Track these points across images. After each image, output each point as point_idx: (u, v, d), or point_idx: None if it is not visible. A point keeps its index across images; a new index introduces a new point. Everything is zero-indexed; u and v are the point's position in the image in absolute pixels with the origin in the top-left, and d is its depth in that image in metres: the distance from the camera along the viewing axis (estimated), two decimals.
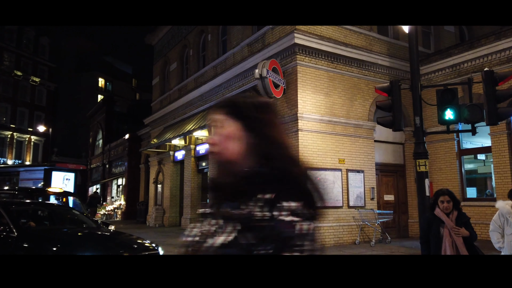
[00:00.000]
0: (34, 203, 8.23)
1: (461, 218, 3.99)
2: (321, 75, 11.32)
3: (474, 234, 3.98)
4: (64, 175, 21.05)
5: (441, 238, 3.92)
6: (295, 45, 10.89)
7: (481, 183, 12.79)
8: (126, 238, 6.44)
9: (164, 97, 20.12)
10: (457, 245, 3.83)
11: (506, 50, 10.83)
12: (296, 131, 10.67)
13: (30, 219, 6.73)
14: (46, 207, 7.86)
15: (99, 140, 33.64)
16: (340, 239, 10.91)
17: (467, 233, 3.88)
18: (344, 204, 11.15)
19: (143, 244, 5.97)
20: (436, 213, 4.04)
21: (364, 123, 11.90)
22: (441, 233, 3.94)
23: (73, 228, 6.98)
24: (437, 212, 4.04)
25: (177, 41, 18.95)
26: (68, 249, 5.33)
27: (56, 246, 5.36)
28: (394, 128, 7.54)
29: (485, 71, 6.88)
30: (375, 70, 12.40)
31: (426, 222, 4.18)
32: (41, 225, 6.89)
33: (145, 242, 6.08)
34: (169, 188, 18.74)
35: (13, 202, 7.25)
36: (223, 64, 14.77)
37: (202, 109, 15.84)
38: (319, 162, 10.85)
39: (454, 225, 3.90)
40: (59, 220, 7.41)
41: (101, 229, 7.01)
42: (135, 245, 5.98)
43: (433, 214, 4.09)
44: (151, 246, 5.90)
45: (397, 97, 7.50)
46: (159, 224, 18.80)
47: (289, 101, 11.09)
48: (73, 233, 6.45)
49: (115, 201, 28.07)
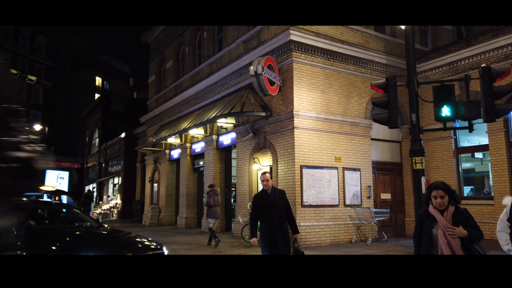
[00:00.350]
0: (33, 201, 8.10)
1: (458, 215, 3.38)
2: (317, 73, 11.20)
3: (478, 233, 3.32)
4: (58, 173, 20.88)
5: (433, 239, 3.37)
6: (291, 42, 10.77)
7: (478, 181, 12.71)
8: (129, 237, 6.33)
9: (160, 95, 19.98)
10: (452, 247, 3.26)
11: (503, 48, 10.73)
12: (291, 129, 10.55)
13: (30, 218, 6.61)
14: (46, 205, 7.73)
15: (95, 139, 33.46)
16: (337, 238, 10.80)
17: (465, 233, 3.26)
18: (341, 202, 11.04)
19: (147, 243, 5.86)
20: (430, 210, 3.48)
21: (360, 121, 11.79)
22: (433, 233, 3.39)
23: (74, 227, 6.88)
24: (430, 209, 3.48)
25: (173, 38, 18.80)
26: (69, 248, 5.21)
27: (56, 246, 5.23)
28: (390, 125, 7.43)
29: (483, 67, 6.77)
30: (371, 67, 12.29)
31: (419, 220, 3.64)
32: (41, 224, 6.76)
33: (149, 241, 5.97)
34: (165, 187, 18.61)
35: None
36: (218, 61, 14.64)
37: (198, 107, 15.71)
38: (315, 160, 10.74)
39: (449, 224, 3.32)
40: (59, 218, 7.31)
41: (103, 227, 6.88)
42: (139, 244, 5.87)
43: (426, 211, 3.54)
44: (155, 245, 5.79)
45: (393, 93, 7.40)
46: (155, 223, 18.67)
47: (284, 98, 10.97)
48: (74, 232, 6.35)
49: (111, 200, 27.92)
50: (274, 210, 5.10)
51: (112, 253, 5.18)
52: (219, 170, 14.66)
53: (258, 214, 5.24)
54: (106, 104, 31.67)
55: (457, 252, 3.25)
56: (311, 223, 10.43)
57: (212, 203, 11.06)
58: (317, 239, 10.47)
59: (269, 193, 5.21)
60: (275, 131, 11.20)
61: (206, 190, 12.76)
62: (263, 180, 5.20)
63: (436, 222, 3.39)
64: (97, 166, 31.68)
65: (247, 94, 11.97)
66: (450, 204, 3.41)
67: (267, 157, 11.68)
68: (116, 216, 25.27)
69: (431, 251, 3.37)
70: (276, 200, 5.16)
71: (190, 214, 16.44)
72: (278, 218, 5.09)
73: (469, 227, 3.32)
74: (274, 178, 11.16)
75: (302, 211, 10.31)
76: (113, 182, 28.95)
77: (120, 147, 26.10)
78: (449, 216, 3.37)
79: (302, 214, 10.30)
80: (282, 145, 10.92)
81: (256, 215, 5.28)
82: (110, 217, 25.71)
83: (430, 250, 3.38)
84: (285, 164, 10.74)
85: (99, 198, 30.23)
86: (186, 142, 16.75)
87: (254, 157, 12.06)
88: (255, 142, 12.09)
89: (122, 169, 25.62)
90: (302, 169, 10.43)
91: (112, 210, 26.10)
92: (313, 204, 10.52)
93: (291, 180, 10.46)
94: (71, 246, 5.36)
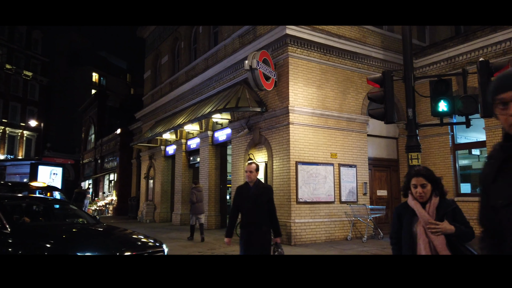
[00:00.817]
0: (28, 197, 7.92)
1: (443, 207, 2.74)
2: (313, 67, 11.05)
3: (467, 230, 2.69)
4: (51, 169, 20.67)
5: (413, 238, 2.75)
6: (287, 36, 10.61)
7: (475, 178, 12.59)
8: (127, 235, 6.16)
9: (155, 91, 19.79)
10: (435, 246, 2.64)
11: (502, 43, 10.61)
12: (287, 125, 10.41)
13: (24, 215, 6.44)
14: (42, 201, 7.53)
15: (91, 135, 33.24)
16: (332, 235, 10.68)
17: (451, 228, 2.61)
18: (336, 199, 10.92)
19: (145, 241, 5.69)
20: (409, 202, 2.83)
21: (357, 117, 11.65)
22: (414, 230, 2.75)
23: (70, 224, 6.71)
24: (409, 200, 2.84)
25: (169, 33, 18.60)
26: (64, 246, 5.04)
27: (51, 243, 5.06)
28: (386, 121, 7.29)
29: (480, 61, 6.64)
30: (368, 62, 12.14)
31: (396, 215, 2.94)
32: (36, 221, 6.57)
33: (146, 238, 5.80)
34: (160, 183, 18.46)
35: (5, 197, 6.90)
36: (214, 56, 14.47)
37: (193, 103, 15.54)
38: (311, 157, 10.61)
39: (431, 219, 2.68)
40: (55, 215, 7.13)
41: (100, 224, 6.72)
42: (139, 242, 5.69)
43: (405, 203, 2.89)
44: (153, 242, 5.61)
45: (389, 88, 7.26)
46: (150, 220, 18.54)
47: (280, 93, 10.82)
48: (70, 229, 6.15)
49: (106, 197, 27.75)
50: (253, 207, 4.55)
51: (110, 251, 5.02)
52: (214, 166, 14.52)
53: (238, 210, 4.72)
54: (102, 100, 31.43)
55: (441, 253, 2.62)
56: (306, 220, 10.31)
57: (194, 199, 11.42)
58: (312, 236, 10.35)
59: (250, 187, 4.65)
60: (271, 127, 11.06)
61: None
62: (247, 171, 4.67)
63: (417, 216, 2.76)
64: (93, 162, 31.48)
65: (242, 89, 11.82)
66: (434, 195, 2.77)
67: (262, 153, 11.54)
68: (112, 212, 25.12)
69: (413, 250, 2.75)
70: (257, 195, 4.57)
71: (185, 210, 16.28)
72: (257, 216, 4.52)
73: (457, 222, 2.70)
74: (269, 175, 11.03)
75: (297, 208, 10.18)
76: (109, 179, 28.78)
77: (116, 143, 25.91)
78: (432, 209, 2.73)
79: (297, 210, 10.17)
80: (277, 141, 10.77)
81: (235, 210, 4.75)
82: (105, 213, 25.55)
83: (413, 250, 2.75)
84: (280, 160, 10.60)
85: (95, 195, 30.05)
86: (182, 138, 16.59)
87: (249, 153, 11.91)
88: (250, 138, 11.95)
89: (117, 166, 25.44)
90: (297, 165, 10.29)
91: (108, 206, 25.93)
92: (308, 201, 10.39)
93: (286, 176, 10.32)
94: (67, 243, 5.19)
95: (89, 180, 32.34)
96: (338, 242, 10.40)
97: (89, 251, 4.87)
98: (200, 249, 9.72)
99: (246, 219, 4.55)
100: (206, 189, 14.15)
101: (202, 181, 14.52)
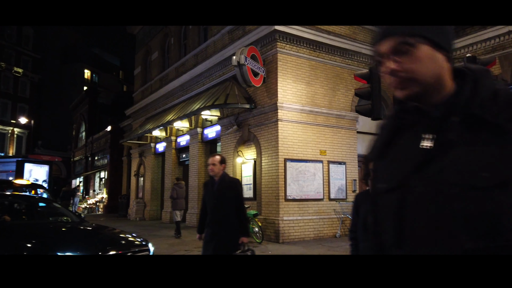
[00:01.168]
0: (10, 195, 7.73)
1: None
2: (302, 64, 10.94)
3: None
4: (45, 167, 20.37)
5: None
6: (276, 32, 10.49)
7: None
8: (111, 233, 6.01)
9: (145, 88, 19.59)
10: None
11: (491, 39, 10.59)
12: (275, 121, 10.30)
13: (5, 213, 6.25)
14: (24, 199, 7.33)
15: (82, 132, 32.92)
16: (321, 232, 10.61)
17: None
18: (325, 196, 10.84)
19: (131, 240, 5.56)
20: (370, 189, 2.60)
21: (346, 114, 11.57)
22: None
23: (53, 223, 6.55)
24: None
25: (158, 30, 18.40)
26: (46, 245, 4.89)
27: (32, 243, 4.91)
28: (373, 117, 7.18)
29: (468, 57, 6.59)
30: (358, 59, 12.06)
31: (355, 205, 2.64)
32: (18, 219, 6.40)
33: (133, 237, 5.67)
34: (150, 181, 18.29)
35: None
36: (204, 52, 14.31)
37: (183, 99, 15.38)
38: (300, 154, 10.51)
39: None
40: (39, 213, 6.93)
41: (84, 223, 6.56)
42: (123, 240, 5.56)
43: (366, 191, 2.60)
44: (140, 241, 5.48)
45: (376, 84, 7.14)
46: (140, 218, 18.37)
47: (269, 90, 10.70)
48: (53, 228, 6.00)
49: (97, 195, 27.51)
50: (216, 203, 4.15)
51: (94, 250, 4.88)
52: (204, 163, 14.38)
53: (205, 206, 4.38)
54: (93, 97, 31.13)
55: None
56: (295, 217, 10.22)
57: (175, 195, 11.69)
58: (301, 233, 10.26)
59: (215, 181, 4.22)
60: (259, 124, 10.94)
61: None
62: (209, 164, 4.21)
63: None
64: (83, 160, 31.19)
65: (231, 85, 11.68)
66: None
67: (251, 150, 11.42)
68: (102, 210, 24.91)
69: None
70: (221, 190, 4.17)
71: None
72: (221, 214, 4.13)
73: None
74: (257, 172, 10.92)
75: (285, 205, 10.09)
76: (100, 176, 28.54)
77: (106, 140, 25.68)
78: None
79: (285, 208, 10.08)
80: (266, 138, 10.67)
81: (204, 207, 4.40)
82: (96, 211, 25.34)
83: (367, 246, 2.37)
84: (268, 157, 10.49)
85: (86, 192, 29.79)
86: (171, 135, 16.44)
87: (238, 150, 11.80)
88: (239, 135, 11.83)
89: (108, 163, 25.21)
90: (286, 162, 10.19)
91: (98, 204, 25.71)
92: (297, 198, 10.30)
93: (275, 173, 10.22)
94: (48, 243, 5.04)
95: (80, 177, 32.06)
96: (326, 240, 10.33)
97: (71, 250, 4.74)
98: (186, 247, 9.60)
99: (210, 217, 4.18)
100: (195, 186, 14.02)
101: (192, 179, 14.38)
